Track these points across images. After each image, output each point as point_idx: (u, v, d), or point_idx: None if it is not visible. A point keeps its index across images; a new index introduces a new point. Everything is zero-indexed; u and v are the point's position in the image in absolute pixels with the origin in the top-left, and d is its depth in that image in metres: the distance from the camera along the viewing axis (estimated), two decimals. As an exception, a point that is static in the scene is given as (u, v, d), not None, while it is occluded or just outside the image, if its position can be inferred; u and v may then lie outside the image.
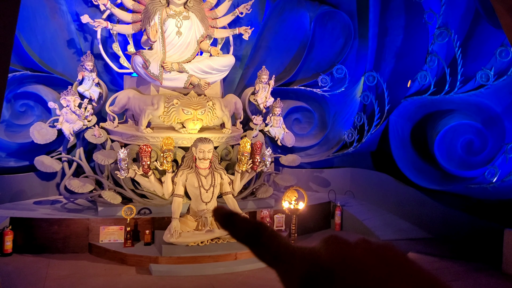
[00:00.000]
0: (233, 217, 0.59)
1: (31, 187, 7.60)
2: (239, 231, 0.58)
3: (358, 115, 8.80)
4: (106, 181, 6.82)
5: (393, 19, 8.14)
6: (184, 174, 6.29)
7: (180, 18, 7.06)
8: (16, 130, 7.42)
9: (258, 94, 8.02)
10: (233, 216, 0.59)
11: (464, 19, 7.10)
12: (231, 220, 0.59)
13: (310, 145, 9.00)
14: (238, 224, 0.58)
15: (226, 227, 0.59)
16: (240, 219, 0.59)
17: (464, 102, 7.21)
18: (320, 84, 8.66)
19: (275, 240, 0.56)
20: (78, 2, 7.68)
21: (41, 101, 7.57)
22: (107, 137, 7.06)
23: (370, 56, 8.48)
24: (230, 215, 0.59)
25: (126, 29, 7.26)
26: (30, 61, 7.39)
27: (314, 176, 9.03)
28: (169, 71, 6.76)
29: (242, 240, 0.58)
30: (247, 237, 0.57)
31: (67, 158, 7.17)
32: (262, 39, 8.59)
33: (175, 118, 6.67)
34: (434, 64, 7.40)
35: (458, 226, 6.87)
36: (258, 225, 0.57)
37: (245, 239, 0.58)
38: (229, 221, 0.59)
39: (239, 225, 0.58)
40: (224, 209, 0.61)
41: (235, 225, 0.58)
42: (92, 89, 7.21)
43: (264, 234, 0.56)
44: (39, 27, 7.45)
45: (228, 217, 0.59)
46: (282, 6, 8.43)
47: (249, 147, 6.64)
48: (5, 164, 7.37)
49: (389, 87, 8.25)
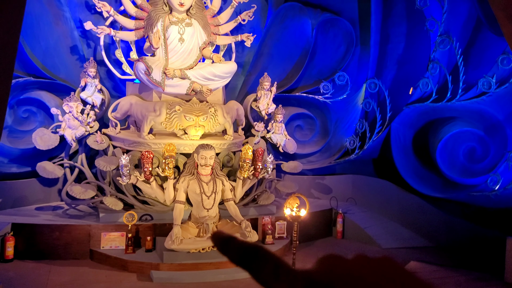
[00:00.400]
0: (231, 243, 0.59)
1: (33, 193, 7.61)
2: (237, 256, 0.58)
3: (360, 122, 8.80)
4: (107, 187, 6.83)
5: (395, 26, 8.16)
6: (185, 180, 6.29)
7: (182, 25, 7.09)
8: (18, 136, 7.43)
9: (260, 100, 8.03)
10: (232, 241, 0.59)
11: (466, 26, 7.11)
12: (230, 246, 0.59)
13: (312, 152, 9.00)
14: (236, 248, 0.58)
15: (224, 252, 0.59)
16: (238, 243, 0.58)
17: (466, 109, 7.20)
18: (322, 91, 8.67)
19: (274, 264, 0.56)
20: (81, 9, 7.72)
21: (43, 107, 7.60)
22: (109, 143, 7.07)
23: (372, 63, 8.49)
24: (228, 240, 0.59)
25: (129, 36, 7.29)
26: (33, 67, 7.42)
27: (316, 183, 9.02)
28: (172, 78, 6.78)
29: (240, 265, 0.58)
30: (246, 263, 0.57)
31: (69, 164, 7.18)
32: (264, 46, 8.62)
33: (177, 124, 6.68)
34: (436, 71, 7.41)
35: (460, 234, 6.84)
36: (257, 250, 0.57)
37: (243, 265, 0.58)
38: (227, 246, 0.59)
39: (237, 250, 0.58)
40: (222, 234, 0.61)
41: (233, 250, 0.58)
42: (94, 95, 7.24)
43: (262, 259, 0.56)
44: (42, 34, 7.49)
45: (226, 242, 0.59)
46: (284, 13, 8.46)
47: (250, 153, 6.64)
48: (7, 170, 7.38)
49: (391, 94, 8.26)
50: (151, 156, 6.29)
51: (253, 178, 6.98)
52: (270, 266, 0.56)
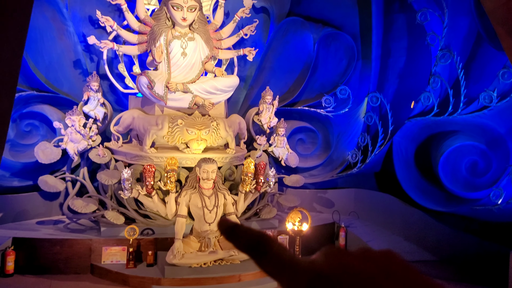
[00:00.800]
0: (237, 229, 0.59)
1: (34, 207, 7.59)
2: (243, 242, 0.59)
3: (362, 136, 8.80)
4: (109, 201, 6.82)
5: (396, 41, 8.21)
6: (187, 194, 6.28)
7: (185, 39, 7.15)
8: (20, 150, 7.45)
9: (262, 114, 8.05)
10: (237, 228, 0.59)
11: (466, 41, 7.15)
12: (235, 232, 0.59)
13: (314, 165, 8.99)
14: (242, 236, 0.59)
15: (230, 239, 0.60)
16: (244, 230, 0.59)
17: (468, 123, 7.20)
18: (323, 105, 8.69)
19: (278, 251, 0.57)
20: (85, 23, 7.80)
21: (46, 121, 7.62)
22: (111, 157, 7.08)
23: (373, 77, 8.53)
24: (234, 226, 0.60)
25: (132, 50, 7.35)
26: (37, 81, 7.46)
27: (318, 196, 8.99)
28: (174, 92, 6.81)
29: (246, 252, 0.59)
30: (251, 249, 0.58)
31: (71, 178, 7.17)
32: (266, 60, 8.67)
33: (179, 138, 6.68)
34: (437, 85, 7.43)
35: (463, 248, 6.79)
36: (262, 237, 0.58)
37: (249, 250, 0.58)
38: (233, 233, 0.60)
39: (243, 237, 0.59)
40: (228, 221, 0.62)
41: (239, 237, 0.59)
42: (97, 109, 7.27)
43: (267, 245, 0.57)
44: (46, 48, 7.55)
45: (232, 229, 0.60)
46: (286, 28, 8.53)
47: (252, 167, 6.63)
48: (9, 183, 7.38)
49: (393, 108, 8.27)
50: (153, 170, 6.29)
51: (255, 192, 6.96)
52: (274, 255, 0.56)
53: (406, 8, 7.82)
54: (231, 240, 0.60)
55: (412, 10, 7.62)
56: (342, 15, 8.53)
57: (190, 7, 6.94)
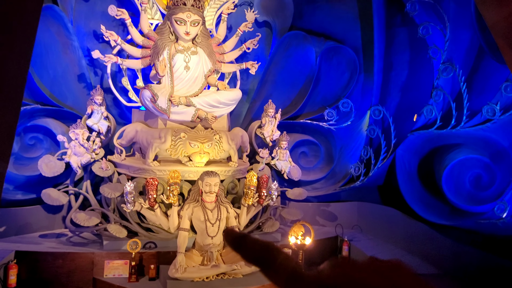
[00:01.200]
0: (244, 239, 0.59)
1: (37, 220, 7.59)
2: (250, 253, 0.58)
3: (364, 149, 8.80)
4: (112, 214, 6.81)
5: (398, 54, 8.26)
6: (190, 207, 6.26)
7: (188, 53, 7.20)
8: (24, 163, 7.47)
9: (264, 127, 8.07)
10: (244, 238, 0.59)
11: (469, 54, 7.18)
12: (242, 242, 0.59)
13: (317, 178, 8.97)
14: (249, 246, 0.58)
15: (236, 249, 0.59)
16: (251, 241, 0.59)
17: (471, 136, 7.20)
18: (326, 118, 8.71)
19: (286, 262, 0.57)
20: (89, 38, 7.88)
21: (50, 134, 7.66)
22: (114, 170, 7.09)
23: (375, 90, 8.55)
24: (240, 237, 0.60)
25: (136, 64, 7.41)
26: (41, 95, 7.52)
27: (321, 210, 8.96)
28: (177, 105, 6.84)
29: (252, 262, 0.59)
30: (258, 259, 0.58)
31: (74, 191, 7.18)
32: (269, 74, 8.72)
33: (182, 151, 6.70)
34: (440, 98, 7.45)
35: (468, 262, 6.73)
36: (269, 247, 0.58)
37: (255, 261, 0.58)
38: (239, 243, 0.59)
39: (250, 247, 0.58)
40: (234, 231, 0.61)
41: (246, 247, 0.59)
42: (100, 123, 7.31)
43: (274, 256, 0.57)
44: (51, 62, 7.62)
45: (239, 239, 0.59)
46: (289, 41, 8.59)
47: (255, 180, 6.62)
48: (12, 197, 7.39)
49: (395, 121, 8.28)
50: (156, 183, 6.29)
51: (258, 205, 6.94)
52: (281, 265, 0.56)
53: (407, 22, 7.88)
54: (237, 250, 0.60)
55: (413, 23, 7.67)
56: (344, 29, 8.59)
57: (193, 21, 7.00)
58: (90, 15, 7.84)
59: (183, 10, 6.94)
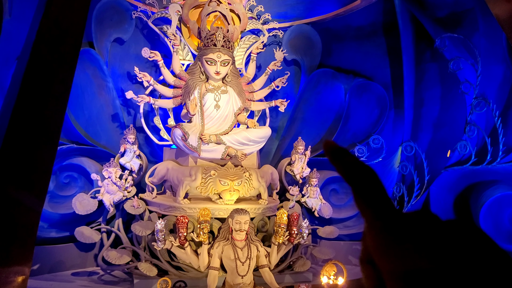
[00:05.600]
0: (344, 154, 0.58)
1: (70, 258, 7.66)
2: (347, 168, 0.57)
3: (397, 186, 8.61)
4: (143, 252, 6.82)
5: (429, 89, 8.18)
6: (220, 246, 6.21)
7: (218, 92, 7.34)
8: (59, 201, 7.62)
9: (294, 164, 8.04)
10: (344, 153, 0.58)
11: (502, 88, 7.05)
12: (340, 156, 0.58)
13: (348, 216, 8.79)
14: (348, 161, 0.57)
15: (334, 161, 0.58)
16: (351, 157, 0.58)
17: (508, 172, 6.96)
18: (357, 155, 8.61)
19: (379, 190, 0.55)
20: (123, 79, 8.16)
21: (84, 173, 7.83)
22: (146, 208, 7.15)
23: (406, 126, 8.45)
24: (341, 151, 0.58)
25: (167, 104, 7.59)
26: (77, 134, 7.75)
27: (354, 249, 8.72)
28: (207, 143, 6.92)
29: (345, 178, 0.57)
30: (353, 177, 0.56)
31: (106, 229, 7.25)
32: (298, 111, 8.76)
33: (212, 189, 6.72)
34: (474, 134, 7.28)
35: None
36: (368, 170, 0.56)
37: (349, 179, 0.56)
38: (338, 156, 0.58)
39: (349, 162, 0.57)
40: (335, 143, 0.60)
41: (344, 161, 0.57)
42: (133, 161, 7.45)
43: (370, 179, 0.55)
44: (86, 103, 7.89)
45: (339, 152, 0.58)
46: (317, 79, 8.66)
47: (285, 218, 6.54)
48: (47, 234, 7.51)
49: (428, 157, 8.11)
50: (186, 221, 6.30)
51: (288, 243, 6.83)
52: (372, 191, 0.54)
53: (437, 57, 7.84)
54: (335, 162, 0.58)
55: (443, 59, 7.62)
56: (373, 66, 8.61)
57: (223, 61, 7.17)
58: (124, 58, 8.16)
59: (214, 50, 7.13)
